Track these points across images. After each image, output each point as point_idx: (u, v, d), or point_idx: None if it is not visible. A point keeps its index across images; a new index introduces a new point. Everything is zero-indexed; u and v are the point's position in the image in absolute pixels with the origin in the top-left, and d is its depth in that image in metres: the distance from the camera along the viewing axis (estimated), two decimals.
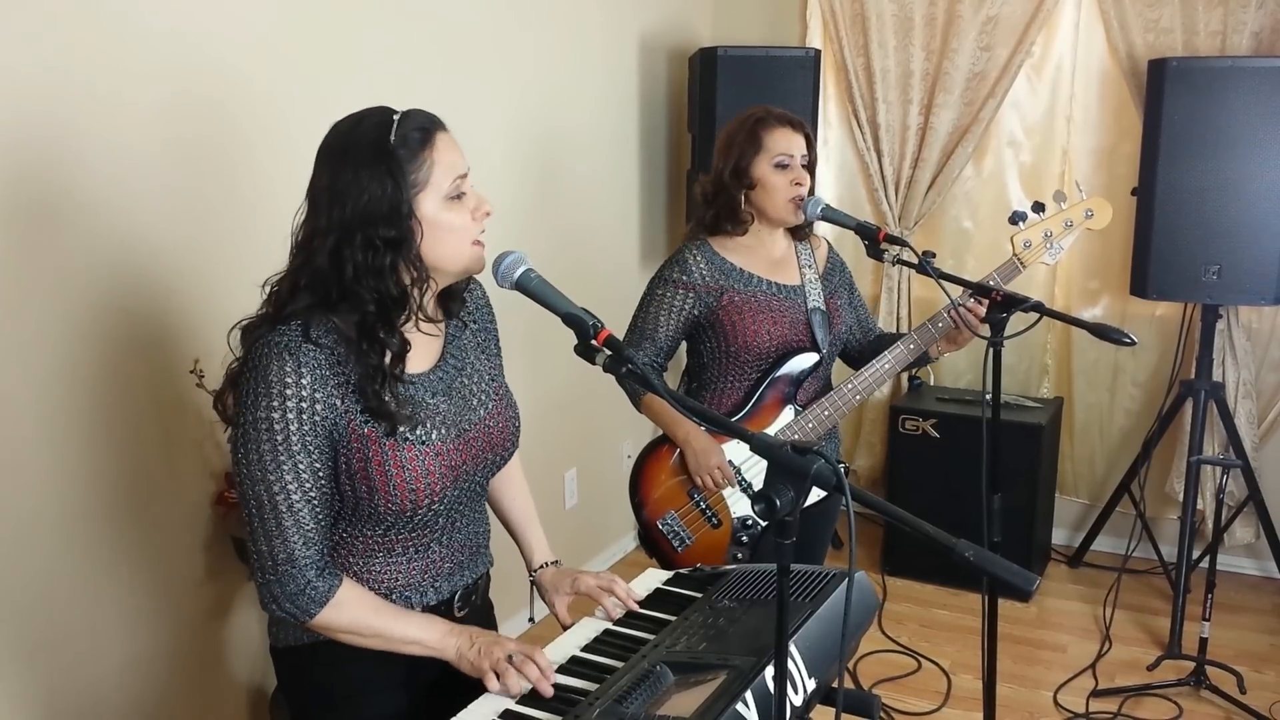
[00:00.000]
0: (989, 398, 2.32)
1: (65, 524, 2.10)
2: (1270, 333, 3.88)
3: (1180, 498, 3.77)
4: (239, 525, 1.53)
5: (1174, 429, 3.85)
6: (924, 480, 3.86)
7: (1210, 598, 3.11)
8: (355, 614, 1.52)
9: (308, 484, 1.47)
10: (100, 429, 2.15)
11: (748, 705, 1.33)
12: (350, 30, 2.70)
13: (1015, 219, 2.39)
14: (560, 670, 1.53)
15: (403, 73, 2.88)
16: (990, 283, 2.31)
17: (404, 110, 1.50)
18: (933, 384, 4.32)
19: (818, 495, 2.20)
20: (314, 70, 2.58)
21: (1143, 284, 3.57)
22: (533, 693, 1.48)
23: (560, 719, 1.39)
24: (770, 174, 2.34)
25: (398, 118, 1.48)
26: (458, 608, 1.67)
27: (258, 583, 1.50)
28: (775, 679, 1.24)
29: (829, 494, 1.22)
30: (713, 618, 1.61)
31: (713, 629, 1.57)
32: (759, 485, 1.18)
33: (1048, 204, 2.41)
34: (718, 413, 1.88)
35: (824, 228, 2.57)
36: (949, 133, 4.12)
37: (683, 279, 2.37)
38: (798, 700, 1.41)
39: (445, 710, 1.46)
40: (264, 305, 1.53)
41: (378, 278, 1.45)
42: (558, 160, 3.63)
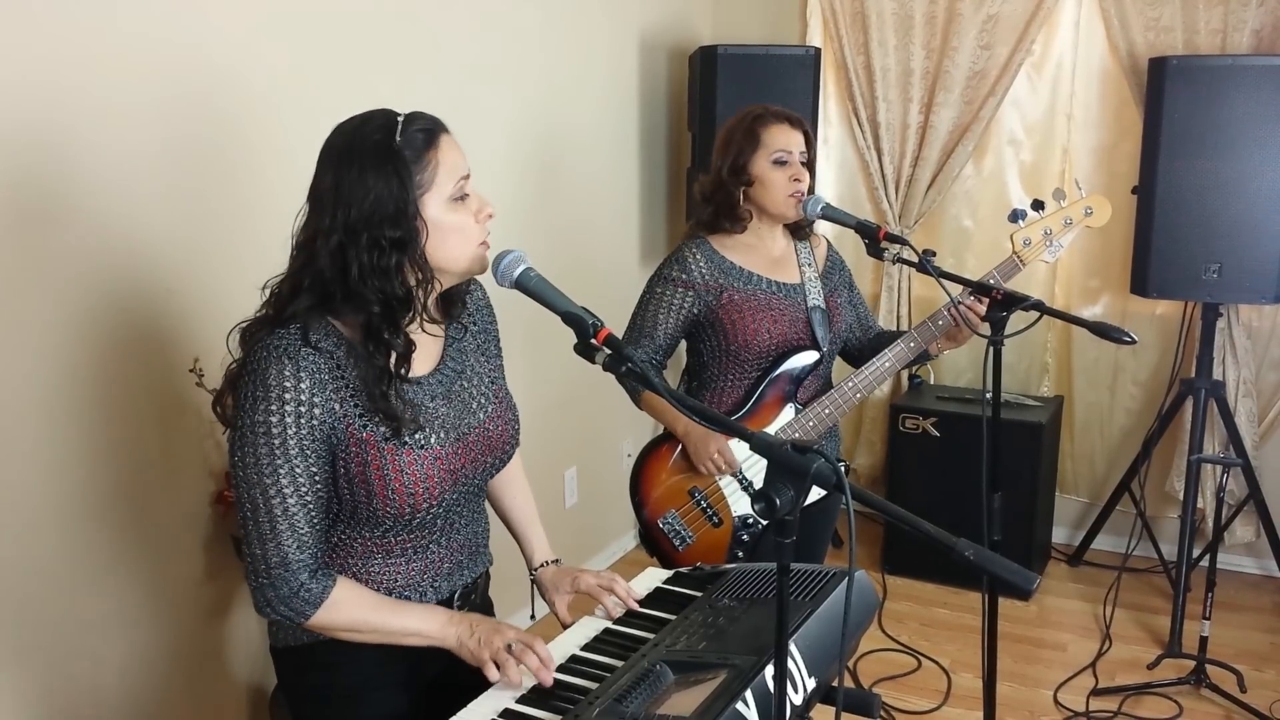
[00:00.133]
0: (989, 396, 2.31)
1: (65, 524, 2.10)
2: (1270, 331, 3.88)
3: (1180, 496, 3.76)
4: (238, 524, 1.53)
5: (1174, 428, 3.85)
6: (924, 479, 3.86)
7: (1210, 596, 3.11)
8: (352, 612, 1.52)
9: (304, 488, 1.46)
10: (100, 429, 2.15)
11: (748, 704, 1.33)
12: (350, 30, 2.70)
13: (1015, 217, 2.38)
14: (560, 669, 1.53)
15: (403, 72, 2.87)
16: (990, 281, 2.31)
17: (407, 112, 1.50)
18: (933, 382, 4.31)
19: (818, 494, 2.20)
20: (314, 71, 2.58)
21: (1143, 282, 3.57)
22: (533, 690, 1.48)
23: (560, 718, 1.39)
24: (768, 170, 2.34)
25: (402, 119, 1.48)
26: (457, 607, 1.67)
27: (252, 586, 1.50)
28: (775, 678, 1.24)
29: (829, 493, 1.22)
30: (713, 617, 1.61)
31: (713, 628, 1.56)
32: (760, 484, 1.18)
33: (1047, 202, 2.40)
34: (717, 411, 1.88)
35: (824, 226, 2.57)
36: (949, 131, 4.12)
37: (682, 277, 2.36)
38: (798, 699, 1.41)
39: (445, 709, 1.46)
40: (264, 306, 1.52)
41: (383, 278, 1.45)
42: (558, 158, 3.62)
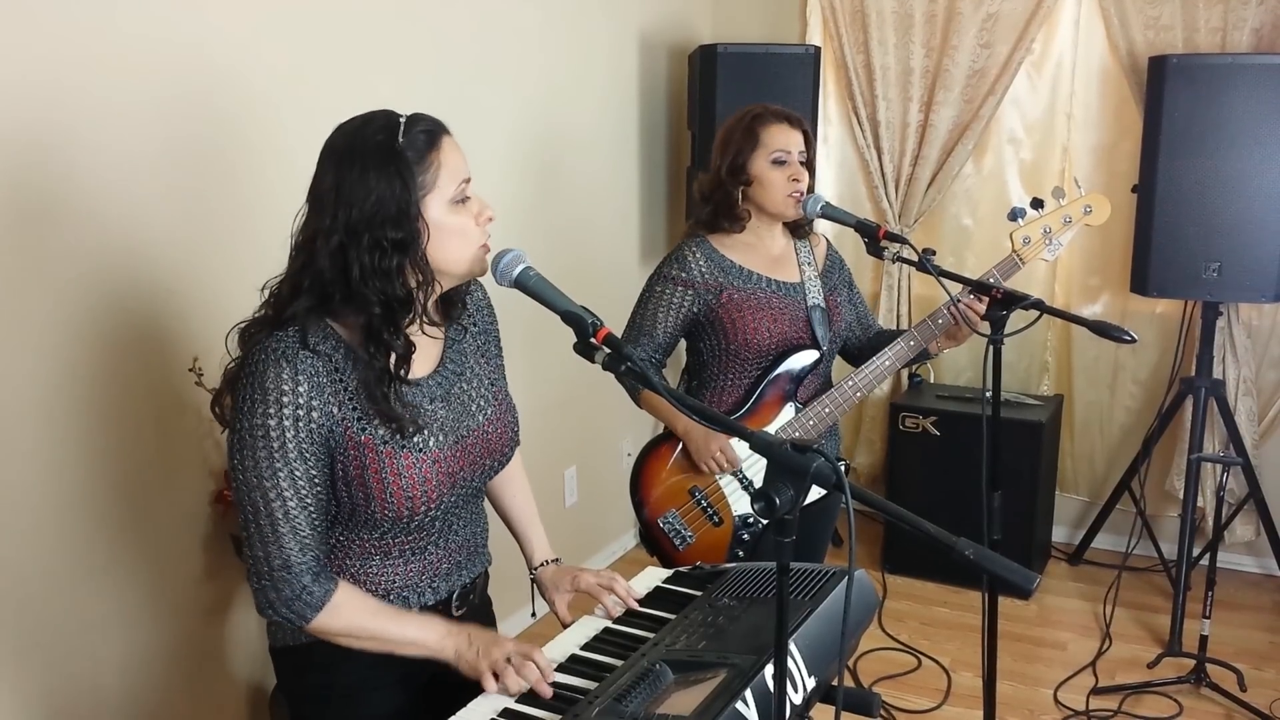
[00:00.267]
0: (989, 395, 2.31)
1: (65, 523, 2.10)
2: (1270, 330, 3.87)
3: (1180, 495, 3.76)
4: (238, 523, 1.53)
5: (1174, 426, 3.85)
6: (924, 478, 3.86)
7: (1210, 595, 3.11)
8: (352, 617, 1.52)
9: (304, 491, 1.46)
10: (99, 429, 2.15)
11: (747, 704, 1.33)
12: (350, 30, 2.70)
13: (1014, 215, 2.38)
14: (560, 669, 1.53)
15: (402, 72, 2.87)
16: (990, 280, 2.31)
17: (409, 113, 1.50)
18: (933, 381, 4.31)
19: (818, 493, 2.20)
20: (314, 71, 2.58)
21: (1143, 281, 3.57)
22: (532, 691, 1.48)
23: (560, 718, 1.39)
24: (767, 170, 2.33)
25: (404, 120, 1.47)
26: (455, 607, 1.67)
27: (254, 587, 1.50)
28: (775, 677, 1.23)
29: (829, 492, 1.21)
30: (712, 616, 1.60)
31: (712, 627, 1.56)
32: (760, 483, 1.18)
33: (1046, 201, 2.40)
34: (717, 411, 1.88)
35: (824, 225, 2.57)
36: (949, 130, 4.11)
37: (682, 276, 2.36)
38: (797, 698, 1.41)
39: (444, 708, 1.46)
40: (263, 307, 1.51)
41: (384, 279, 1.44)
42: (558, 158, 3.62)
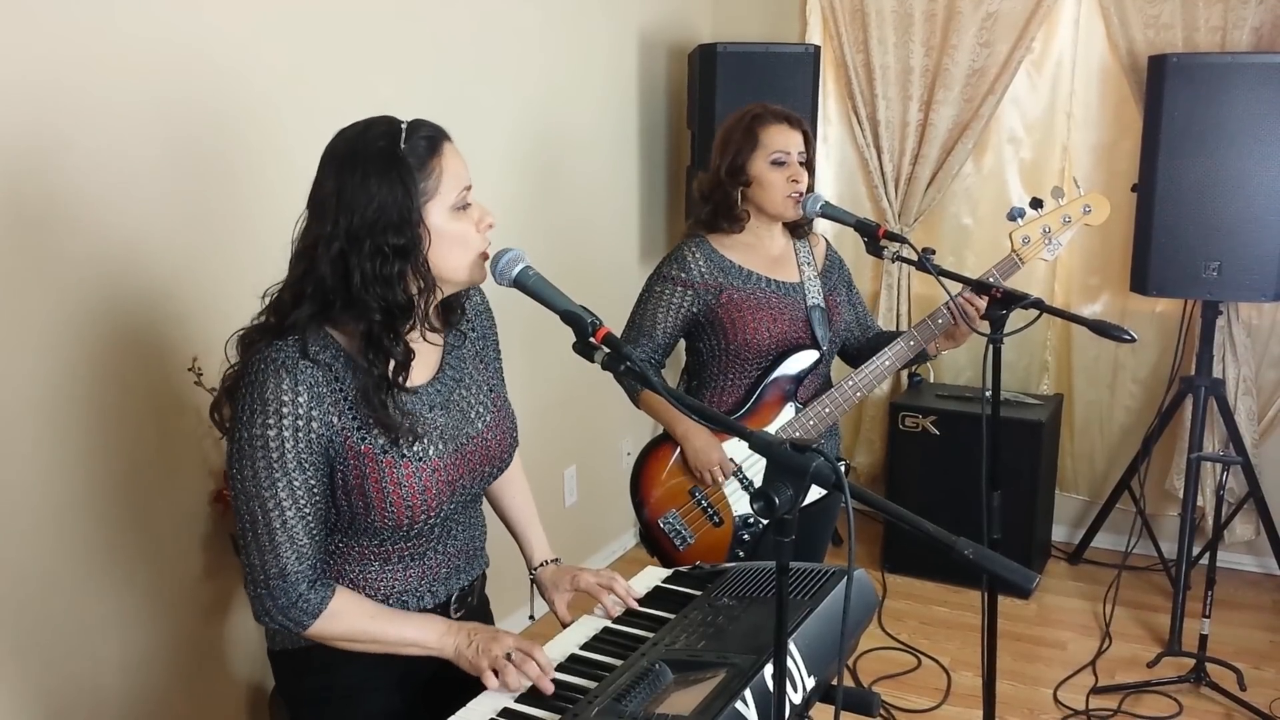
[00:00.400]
0: (989, 394, 2.31)
1: (64, 523, 2.10)
2: (1270, 329, 3.87)
3: (1180, 494, 3.76)
4: (237, 533, 1.53)
5: (1174, 426, 3.85)
6: (924, 477, 3.86)
7: (1210, 594, 3.11)
8: (350, 622, 1.52)
9: (302, 500, 1.46)
10: (99, 429, 2.15)
11: (747, 703, 1.33)
12: (350, 30, 2.69)
13: (1013, 215, 2.38)
14: (559, 668, 1.53)
15: (403, 72, 2.87)
16: (989, 279, 2.31)
17: (411, 119, 1.50)
18: (932, 381, 4.31)
19: (818, 493, 2.20)
20: (314, 71, 2.57)
21: (1143, 280, 3.56)
22: (533, 689, 1.48)
23: (560, 717, 1.39)
24: (767, 171, 2.33)
25: (405, 126, 1.47)
26: (454, 610, 1.67)
27: (250, 595, 1.50)
28: (774, 677, 1.23)
29: (829, 491, 1.21)
30: (712, 616, 1.60)
31: (712, 627, 1.56)
32: (760, 483, 1.18)
33: (1046, 200, 2.40)
34: (717, 411, 1.88)
35: (823, 225, 2.57)
36: (949, 129, 4.11)
37: (681, 276, 2.36)
38: (797, 698, 1.41)
39: (443, 708, 1.46)
40: (264, 314, 1.51)
41: (386, 286, 1.44)
42: (557, 157, 3.62)
